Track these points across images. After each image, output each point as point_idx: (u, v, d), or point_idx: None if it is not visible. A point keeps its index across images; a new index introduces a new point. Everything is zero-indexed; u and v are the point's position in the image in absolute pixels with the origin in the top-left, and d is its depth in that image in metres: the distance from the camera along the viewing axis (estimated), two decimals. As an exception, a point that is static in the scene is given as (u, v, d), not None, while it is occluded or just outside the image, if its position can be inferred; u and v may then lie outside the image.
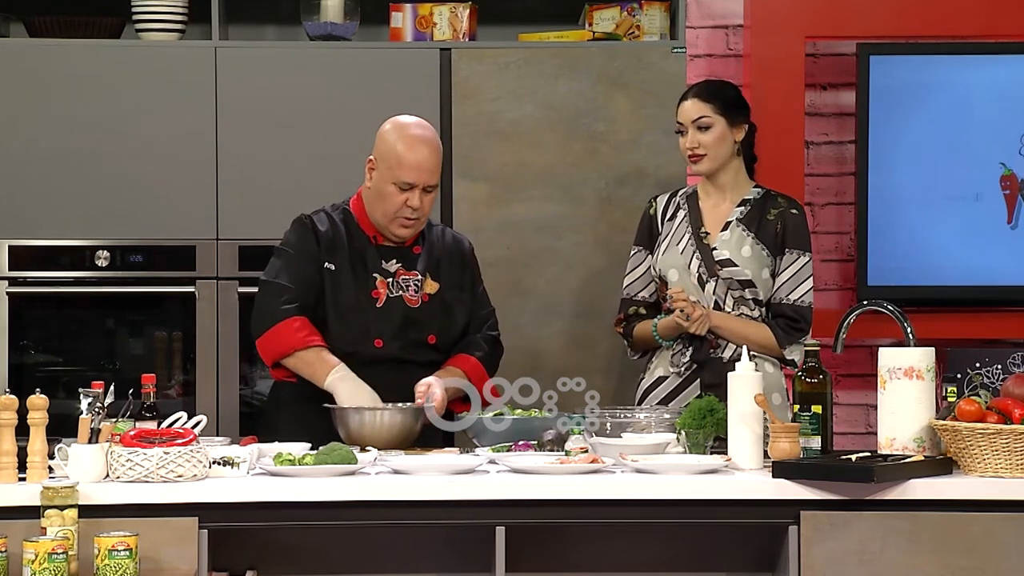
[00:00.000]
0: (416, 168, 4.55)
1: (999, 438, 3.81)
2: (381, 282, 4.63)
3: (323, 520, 3.78)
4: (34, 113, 5.40)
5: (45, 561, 3.51)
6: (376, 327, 4.56)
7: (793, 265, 4.82)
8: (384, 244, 4.67)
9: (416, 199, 4.56)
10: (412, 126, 4.64)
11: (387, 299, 4.61)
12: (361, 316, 4.57)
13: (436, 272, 4.68)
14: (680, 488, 3.81)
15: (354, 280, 4.61)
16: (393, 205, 4.57)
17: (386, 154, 4.60)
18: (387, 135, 4.63)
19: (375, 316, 4.58)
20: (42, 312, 5.49)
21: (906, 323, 4.15)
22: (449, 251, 4.74)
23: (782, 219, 4.84)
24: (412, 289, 4.63)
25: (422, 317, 4.62)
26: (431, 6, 5.55)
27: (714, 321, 4.74)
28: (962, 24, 5.74)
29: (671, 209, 4.93)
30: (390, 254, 4.67)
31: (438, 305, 4.65)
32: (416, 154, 4.56)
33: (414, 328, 4.61)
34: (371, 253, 4.65)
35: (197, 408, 5.26)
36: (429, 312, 4.63)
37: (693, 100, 4.84)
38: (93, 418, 3.80)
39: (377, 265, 4.65)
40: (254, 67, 5.44)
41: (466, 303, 4.72)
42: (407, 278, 4.64)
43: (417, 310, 4.62)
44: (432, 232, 4.75)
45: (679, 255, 4.83)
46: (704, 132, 4.81)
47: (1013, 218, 5.77)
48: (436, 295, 4.65)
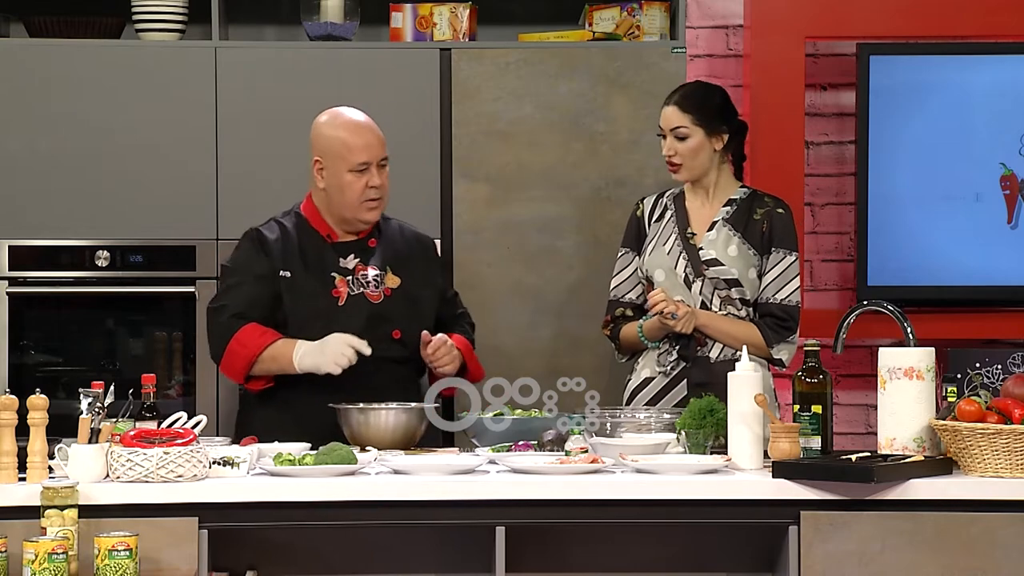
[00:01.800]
0: (366, 147, 4.61)
1: (999, 438, 3.81)
2: (341, 280, 4.64)
3: (323, 520, 3.78)
4: (34, 113, 5.40)
5: (45, 561, 3.51)
6: (340, 327, 4.54)
7: (780, 264, 4.82)
8: (340, 241, 4.68)
9: (376, 178, 4.60)
10: (344, 112, 4.71)
11: (348, 297, 4.63)
12: (324, 318, 4.57)
13: (397, 266, 4.69)
14: (680, 488, 3.81)
15: (312, 283, 4.62)
16: (355, 192, 4.60)
17: (331, 147, 4.63)
18: (325, 128, 4.68)
19: (338, 315, 4.59)
20: (42, 312, 5.49)
21: (906, 323, 4.15)
22: (411, 246, 4.76)
23: (768, 219, 4.84)
24: (372, 284, 4.64)
25: (386, 312, 4.63)
26: (431, 6, 5.55)
27: (700, 320, 4.73)
28: (962, 24, 5.74)
29: (658, 210, 4.93)
30: (346, 250, 4.67)
31: (401, 299, 4.66)
32: (362, 135, 4.62)
33: (379, 323, 4.61)
34: (327, 253, 4.66)
35: (197, 408, 5.26)
36: (392, 306, 4.64)
37: (673, 108, 4.83)
38: (93, 418, 3.80)
39: (334, 264, 4.65)
40: (254, 67, 5.44)
41: (433, 299, 4.73)
42: (366, 273, 4.65)
43: (380, 305, 4.63)
44: (389, 225, 4.76)
45: (665, 256, 4.83)
46: (681, 142, 4.82)
47: (1013, 218, 5.77)
48: (399, 289, 4.66)
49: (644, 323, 4.79)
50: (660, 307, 4.66)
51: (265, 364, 4.54)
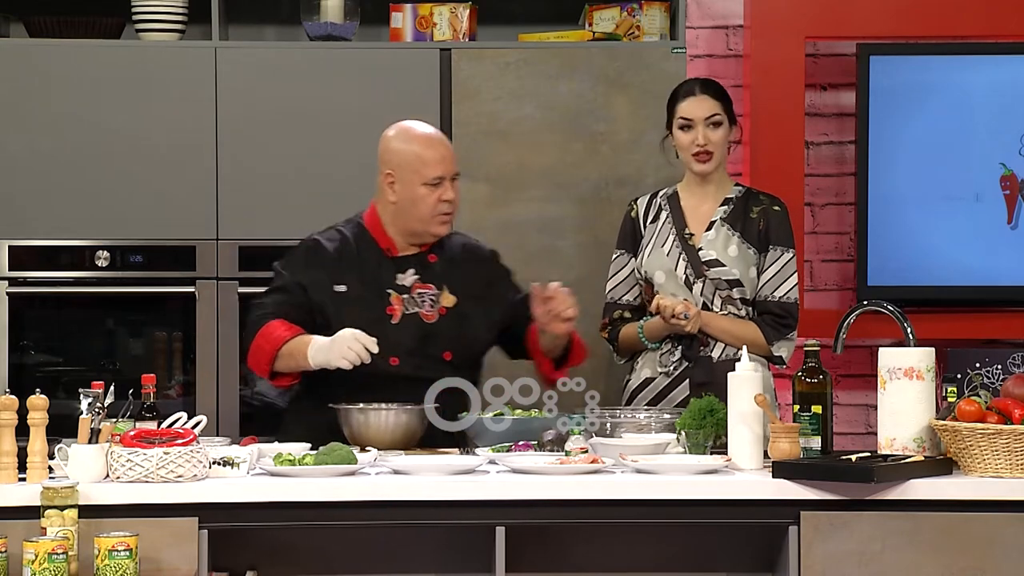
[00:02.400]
0: (441, 161, 4.56)
1: (999, 438, 3.81)
2: (396, 298, 4.58)
3: (323, 520, 3.78)
4: (34, 113, 5.40)
5: (45, 561, 3.51)
6: (391, 345, 4.49)
7: (778, 262, 4.82)
8: (400, 255, 4.62)
9: (449, 192, 4.56)
10: (416, 126, 4.65)
11: (403, 316, 4.57)
12: (376, 335, 4.47)
13: (454, 284, 4.63)
14: (680, 488, 3.81)
15: (367, 298, 4.56)
16: (427, 206, 4.55)
17: (404, 161, 4.57)
18: (396, 142, 4.61)
19: (390, 334, 4.52)
20: (42, 312, 5.49)
21: (906, 323, 4.15)
22: (470, 263, 4.69)
23: (765, 216, 4.84)
24: (428, 304, 4.58)
25: (439, 332, 4.57)
26: (431, 6, 5.56)
27: (702, 319, 4.73)
28: (962, 24, 5.74)
29: (652, 211, 4.92)
30: (405, 264, 4.62)
31: (456, 319, 4.59)
32: (436, 149, 4.58)
33: (431, 344, 4.55)
34: (386, 267, 4.61)
35: (197, 408, 5.26)
36: (446, 327, 4.58)
37: (703, 97, 4.81)
38: (93, 418, 3.80)
39: (391, 280, 4.59)
40: (254, 67, 5.44)
41: (490, 316, 4.65)
42: (423, 292, 4.59)
43: (433, 325, 4.57)
44: (450, 240, 4.70)
45: (665, 257, 4.82)
46: (715, 130, 4.80)
47: (1013, 218, 5.77)
48: (453, 309, 4.60)
49: (645, 324, 4.79)
50: (671, 310, 4.63)
51: (284, 360, 4.47)
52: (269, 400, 5.47)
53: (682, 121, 4.82)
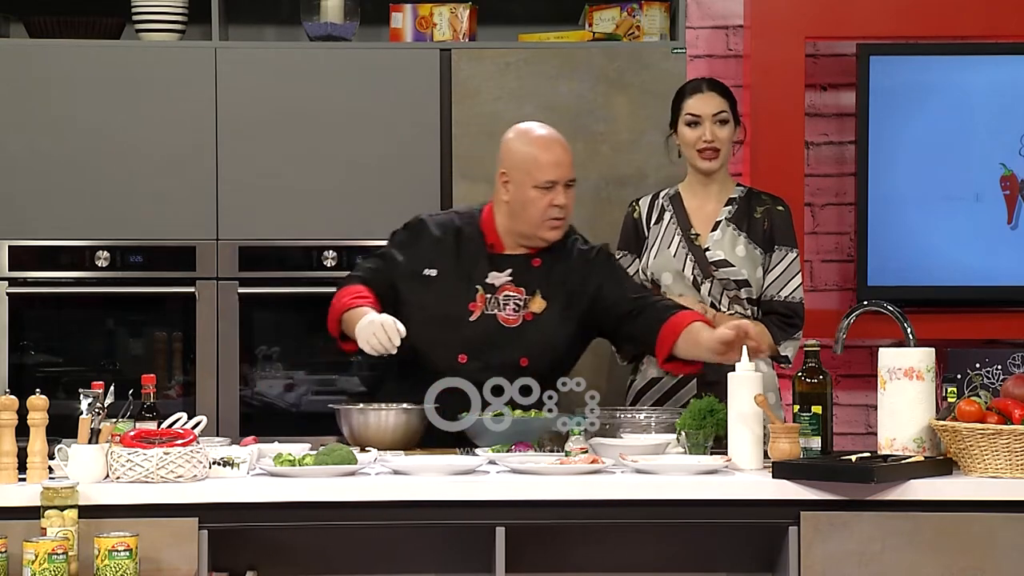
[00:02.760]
0: (555, 165, 4.50)
1: (999, 438, 3.81)
2: (480, 296, 4.52)
3: (323, 520, 3.78)
4: (34, 113, 5.40)
5: (45, 561, 3.51)
6: (463, 342, 4.47)
7: (783, 262, 4.83)
8: (502, 254, 4.57)
9: (561, 197, 4.49)
10: (536, 128, 4.59)
11: (482, 315, 4.51)
12: (450, 327, 4.48)
13: (549, 289, 4.54)
14: (680, 488, 3.81)
15: (453, 289, 4.52)
16: (538, 209, 4.49)
17: (520, 161, 4.52)
18: (514, 143, 4.56)
19: (464, 330, 4.49)
20: (42, 312, 5.49)
21: (906, 323, 4.15)
22: (574, 267, 4.58)
23: (769, 216, 4.85)
24: (511, 308, 4.52)
25: (516, 337, 4.50)
26: (431, 6, 5.55)
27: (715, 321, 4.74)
28: (962, 24, 5.74)
29: (655, 211, 4.92)
30: (504, 264, 4.55)
31: (538, 325, 4.52)
32: (551, 153, 4.52)
33: (505, 349, 4.48)
34: (482, 262, 4.55)
35: (197, 408, 5.26)
36: (528, 332, 4.51)
37: (711, 94, 4.82)
38: (93, 418, 3.80)
39: (482, 277, 4.53)
40: (254, 67, 5.44)
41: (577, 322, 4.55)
42: (510, 295, 4.53)
43: (512, 330, 4.51)
44: (563, 243, 4.59)
45: (672, 258, 4.82)
46: (722, 127, 4.81)
47: (1013, 218, 5.77)
48: (540, 314, 4.53)
49: None
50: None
51: (345, 325, 4.46)
52: (269, 400, 5.47)
53: (689, 117, 4.82)
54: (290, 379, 5.46)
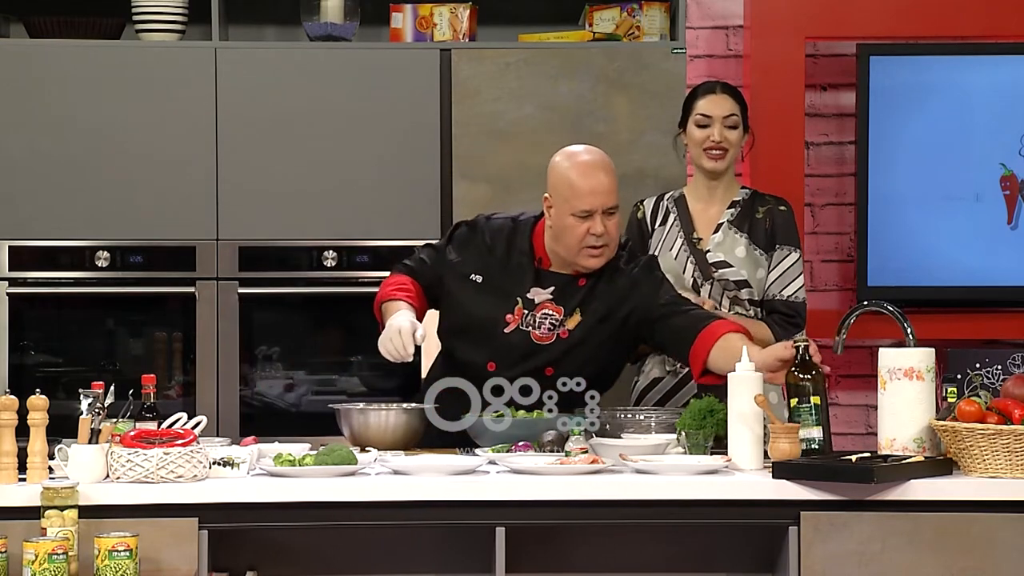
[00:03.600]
0: (591, 193, 4.36)
1: (999, 438, 3.81)
2: (519, 310, 4.45)
3: (323, 520, 3.78)
4: (34, 113, 5.40)
5: (45, 562, 3.51)
6: (494, 351, 4.43)
7: (784, 262, 4.83)
8: (549, 270, 4.49)
9: (598, 225, 4.36)
10: (581, 153, 4.46)
11: (516, 329, 4.45)
12: (484, 335, 4.45)
13: (586, 305, 4.46)
14: (680, 489, 3.81)
15: (494, 299, 4.47)
16: (575, 237, 4.37)
17: (559, 186, 4.41)
18: (558, 167, 4.44)
19: (498, 340, 4.45)
20: (42, 312, 5.49)
21: (906, 323, 4.15)
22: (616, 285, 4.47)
23: (771, 216, 4.85)
24: (546, 327, 4.45)
25: (549, 352, 4.44)
26: (431, 6, 5.56)
27: None
28: (962, 24, 5.74)
29: (660, 213, 4.92)
30: (549, 281, 4.47)
31: (571, 343, 4.44)
32: (589, 180, 4.37)
33: (532, 358, 4.44)
34: (527, 275, 4.47)
35: (197, 408, 5.27)
36: (559, 348, 4.45)
37: (723, 96, 4.83)
38: (93, 419, 3.80)
39: (525, 290, 4.47)
40: (254, 67, 5.44)
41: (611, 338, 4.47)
42: (548, 313, 4.46)
43: (545, 347, 4.45)
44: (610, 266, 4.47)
45: (672, 261, 4.82)
46: (732, 130, 4.82)
47: (1013, 218, 5.77)
48: (576, 329, 4.45)
49: None
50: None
51: (383, 314, 4.46)
52: (269, 400, 5.48)
53: (700, 118, 4.83)
54: (290, 379, 5.46)
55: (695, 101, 4.86)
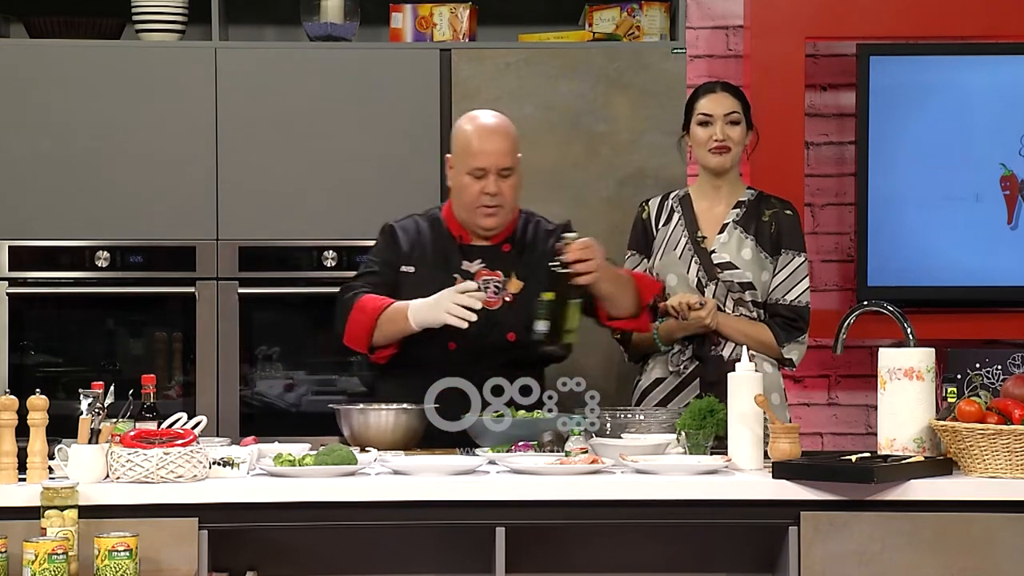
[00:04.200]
0: (485, 152, 4.54)
1: (999, 438, 3.81)
2: (460, 282, 4.53)
3: (323, 520, 3.78)
4: (34, 113, 5.40)
5: (45, 562, 3.51)
6: (450, 330, 4.46)
7: (789, 266, 4.83)
8: (471, 244, 4.64)
9: (492, 185, 4.54)
10: (481, 115, 4.66)
11: None
12: None
13: (524, 269, 4.61)
14: (680, 489, 3.81)
15: (433, 281, 4.55)
16: (470, 195, 4.55)
17: (459, 146, 4.61)
18: (459, 128, 4.65)
19: None
20: (42, 312, 5.49)
21: (906, 323, 4.15)
22: (539, 244, 4.65)
23: (776, 220, 4.85)
24: (492, 290, 4.57)
25: (502, 318, 4.55)
26: (431, 7, 5.55)
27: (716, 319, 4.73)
28: (962, 24, 5.74)
29: (664, 213, 4.92)
30: (475, 254, 4.63)
31: (520, 305, 4.56)
32: (485, 141, 4.56)
33: (492, 329, 4.53)
34: (455, 254, 4.62)
35: (197, 409, 5.26)
36: (511, 313, 4.56)
37: (725, 94, 4.84)
38: (93, 419, 3.80)
39: (457, 266, 4.61)
40: (254, 67, 5.44)
41: None
42: (488, 279, 4.59)
43: (496, 312, 4.56)
44: (528, 228, 4.69)
45: (677, 260, 4.82)
46: (734, 127, 4.82)
47: (1013, 218, 5.77)
48: (520, 294, 4.58)
49: (659, 326, 4.78)
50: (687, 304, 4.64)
51: (384, 328, 4.48)
52: (269, 400, 5.47)
53: (701, 116, 4.83)
54: (290, 379, 5.46)
55: (696, 101, 4.87)
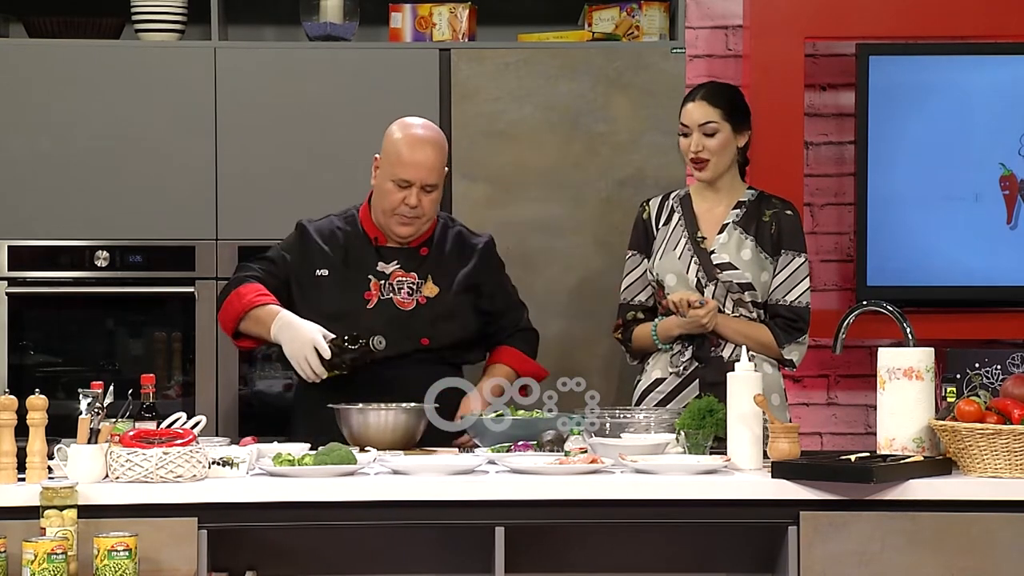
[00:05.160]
0: (414, 165, 4.59)
1: (998, 438, 3.81)
2: (375, 284, 4.65)
3: (323, 520, 3.78)
4: (34, 113, 5.40)
5: (44, 561, 3.51)
6: (365, 330, 4.54)
7: (789, 266, 4.82)
8: (387, 246, 4.70)
9: (413, 197, 4.60)
10: (416, 126, 4.69)
11: (378, 301, 4.64)
12: (351, 318, 4.57)
13: (440, 275, 4.68)
14: (680, 488, 3.81)
15: (346, 282, 4.63)
16: (391, 202, 4.61)
17: (388, 152, 4.65)
18: (391, 134, 4.68)
19: (363, 316, 4.59)
20: (42, 312, 5.49)
21: (906, 323, 4.15)
22: (459, 252, 4.73)
23: (777, 220, 4.84)
24: (405, 292, 4.64)
25: (413, 320, 4.62)
26: (430, 6, 5.56)
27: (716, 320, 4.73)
28: (962, 24, 5.74)
29: (665, 213, 4.91)
30: (392, 255, 4.69)
31: (433, 308, 4.63)
32: (415, 153, 4.61)
33: (406, 330, 4.61)
34: (370, 255, 4.68)
35: (197, 408, 5.26)
36: (423, 315, 4.63)
37: (700, 103, 4.79)
38: (92, 418, 3.80)
39: (373, 267, 4.66)
40: (254, 67, 5.44)
41: (472, 307, 4.70)
42: (402, 280, 4.65)
43: (408, 312, 4.63)
44: (448, 234, 4.75)
45: (676, 260, 4.82)
46: (710, 138, 4.78)
47: (1013, 218, 5.77)
48: (435, 298, 4.65)
49: (658, 324, 4.78)
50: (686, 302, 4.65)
51: (250, 323, 4.58)
52: (269, 400, 5.47)
53: (681, 127, 4.82)
54: (290, 379, 5.46)
55: (681, 108, 4.85)
